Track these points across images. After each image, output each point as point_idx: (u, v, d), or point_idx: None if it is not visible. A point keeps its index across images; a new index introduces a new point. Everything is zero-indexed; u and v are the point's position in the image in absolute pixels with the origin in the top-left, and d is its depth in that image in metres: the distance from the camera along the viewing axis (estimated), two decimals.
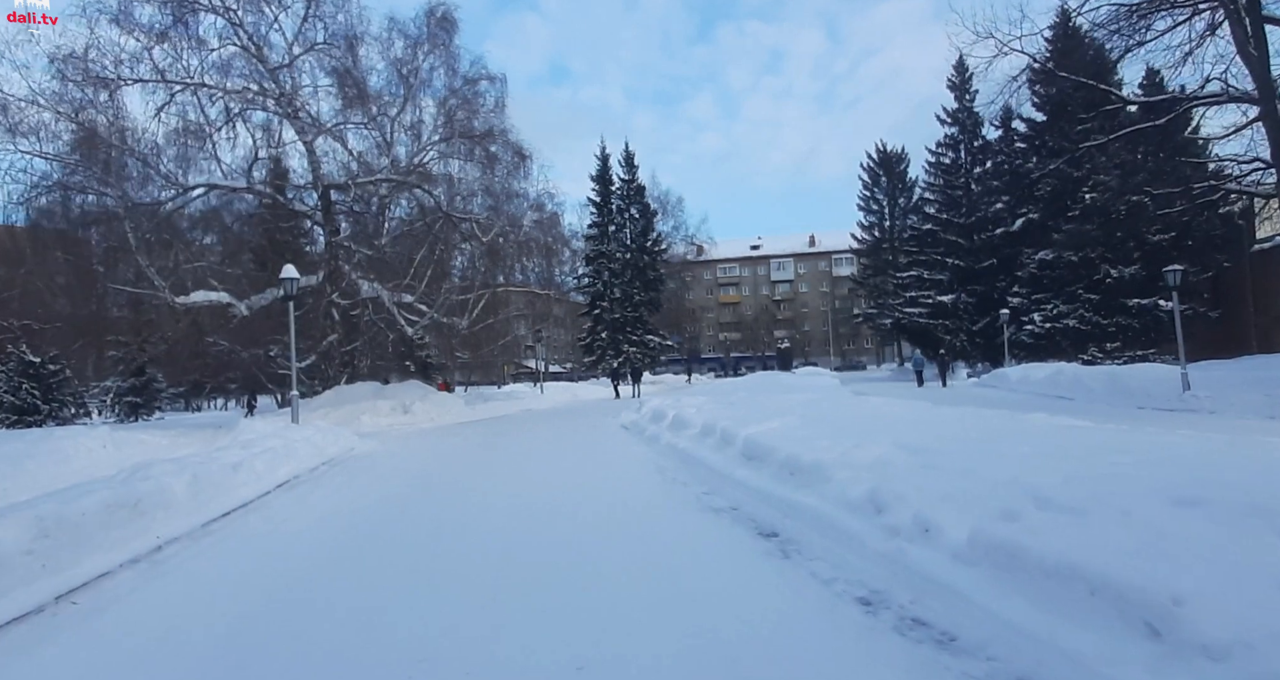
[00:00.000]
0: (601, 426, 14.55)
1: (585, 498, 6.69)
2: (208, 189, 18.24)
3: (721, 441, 8.61)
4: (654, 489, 7.10)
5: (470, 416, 19.74)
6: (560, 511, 6.06)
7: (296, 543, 5.33)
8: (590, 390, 34.07)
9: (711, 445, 8.84)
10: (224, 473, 6.91)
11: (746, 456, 7.47)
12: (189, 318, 19.09)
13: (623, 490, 7.03)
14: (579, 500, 6.54)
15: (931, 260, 34.44)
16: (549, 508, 6.22)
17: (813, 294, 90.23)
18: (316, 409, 17.58)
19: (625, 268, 42.78)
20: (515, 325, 31.19)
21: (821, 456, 6.01)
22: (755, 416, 9.60)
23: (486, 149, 21.43)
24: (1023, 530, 3.43)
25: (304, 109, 17.64)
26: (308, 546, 5.18)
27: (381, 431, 15.72)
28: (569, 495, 6.83)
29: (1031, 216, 30.69)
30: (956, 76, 34.82)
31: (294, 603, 3.87)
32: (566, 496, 6.76)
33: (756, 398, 13.15)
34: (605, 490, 7.07)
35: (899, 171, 45.82)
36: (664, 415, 12.06)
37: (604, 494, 6.88)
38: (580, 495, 6.82)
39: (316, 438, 10.64)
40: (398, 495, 7.28)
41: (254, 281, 20.00)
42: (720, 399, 13.92)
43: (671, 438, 10.28)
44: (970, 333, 32.34)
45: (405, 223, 22.38)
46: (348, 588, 4.11)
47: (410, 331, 19.42)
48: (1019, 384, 21.73)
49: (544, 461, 9.40)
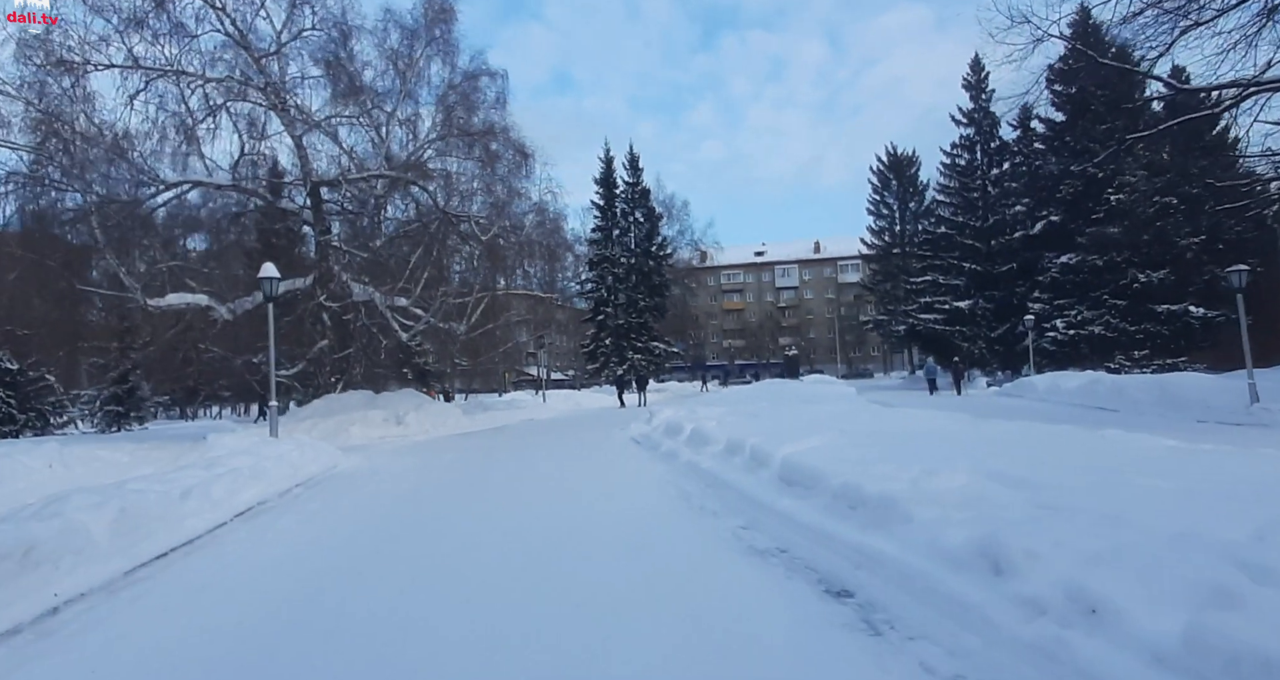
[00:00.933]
0: (610, 439, 13.41)
1: (597, 532, 5.56)
2: (190, 186, 17.23)
3: (753, 461, 7.48)
4: (680, 520, 5.98)
5: (468, 427, 18.60)
6: (566, 551, 4.93)
7: (236, 598, 4.20)
8: (594, 398, 32.95)
9: (740, 465, 7.70)
10: (165, 503, 5.79)
11: (786, 481, 6.33)
12: (179, 323, 18.05)
13: (642, 522, 5.91)
14: (589, 536, 5.41)
15: (947, 265, 33.34)
16: (553, 546, 5.09)
17: (818, 301, 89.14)
18: (304, 419, 16.48)
19: (630, 273, 41.74)
20: (516, 331, 30.14)
21: (888, 486, 4.88)
22: (787, 431, 8.47)
23: (486, 146, 20.41)
24: (1258, 623, 2.31)
25: (293, 101, 16.63)
26: (249, 604, 4.05)
27: (372, 444, 14.59)
28: (577, 528, 5.70)
29: (1053, 219, 29.61)
30: (972, 76, 33.85)
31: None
32: (574, 530, 5.63)
33: (780, 409, 12.02)
34: (621, 521, 5.94)
35: (910, 175, 44.82)
36: (680, 428, 10.93)
37: (619, 526, 5.76)
38: (591, 528, 5.69)
39: (293, 454, 9.52)
40: (373, 529, 6.14)
41: (242, 284, 18.96)
42: (740, 410, 12.79)
43: (692, 455, 9.14)
44: (989, 340, 31.17)
45: (401, 223, 21.34)
46: (292, 668, 2.99)
47: (405, 337, 18.33)
48: (1048, 393, 20.55)
49: (547, 482, 8.27)
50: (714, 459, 8.48)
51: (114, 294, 14.28)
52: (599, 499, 7.06)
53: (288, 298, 18.83)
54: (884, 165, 45.74)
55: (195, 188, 17.37)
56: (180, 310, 14.82)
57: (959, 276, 32.72)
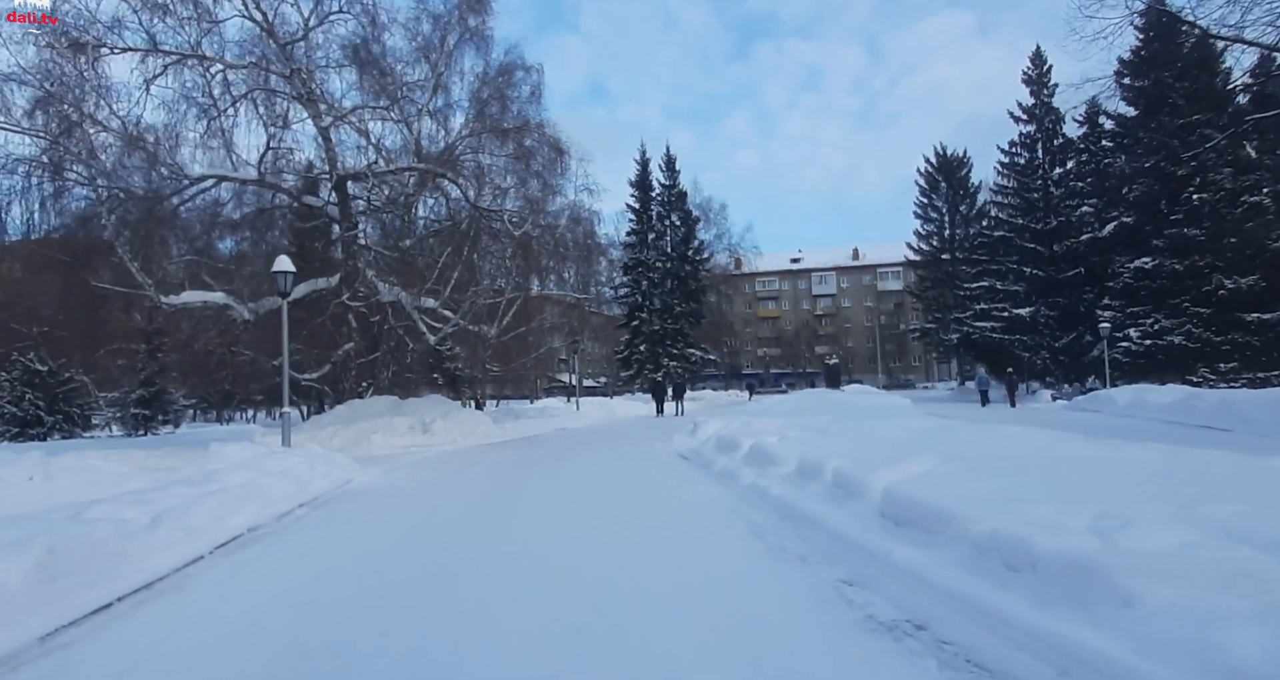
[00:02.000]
0: (652, 454, 12.12)
1: (657, 582, 4.27)
2: (215, 181, 16.55)
3: (838, 490, 6.12)
4: (759, 568, 4.67)
5: (498, 437, 17.50)
6: (621, 610, 3.65)
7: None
8: (628, 406, 31.70)
9: (821, 494, 6.34)
10: (123, 535, 4.68)
11: (894, 521, 4.96)
12: (197, 323, 17.39)
13: (712, 568, 4.61)
14: (649, 589, 4.12)
15: (1004, 269, 31.34)
16: (604, 604, 3.82)
17: (856, 309, 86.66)
18: (324, 426, 15.57)
19: (665, 277, 40.51)
20: (549, 336, 29.11)
21: (1070, 543, 3.48)
22: (871, 452, 7.08)
23: (520, 142, 19.43)
24: None
25: (319, 90, 15.84)
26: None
27: (394, 455, 13.54)
28: (632, 576, 4.42)
29: (1124, 220, 27.47)
30: (1033, 69, 31.90)
31: None
32: (629, 579, 4.35)
33: (846, 423, 10.59)
34: (685, 566, 4.65)
35: (960, 177, 42.76)
36: (735, 444, 9.59)
37: (684, 572, 4.47)
38: (649, 576, 4.40)
39: (301, 468, 8.45)
40: (377, 570, 4.94)
41: (268, 284, 18.26)
42: (799, 423, 11.38)
43: (754, 477, 7.79)
44: (1052, 350, 29.06)
45: (432, 222, 20.46)
46: None
47: (433, 340, 17.35)
48: (1132, 409, 18.62)
49: (588, 510, 7.01)
50: (784, 484, 7.12)
51: (128, 292, 13.52)
52: (653, 533, 5.78)
53: (313, 298, 18.07)
54: (933, 167, 43.74)
55: (220, 183, 16.70)
56: (197, 309, 14.03)
57: (1018, 282, 30.67)
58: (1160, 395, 18.27)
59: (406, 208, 19.81)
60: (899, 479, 5.52)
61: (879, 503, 5.31)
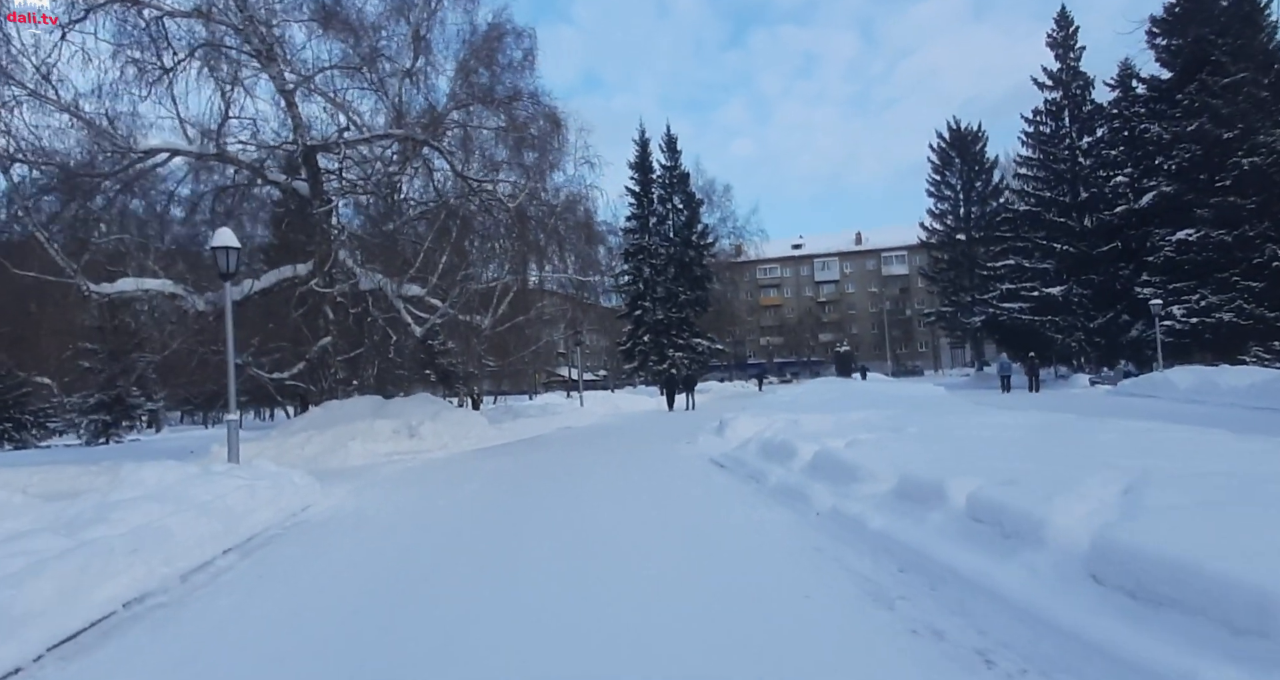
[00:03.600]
0: (679, 459, 10.21)
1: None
2: (169, 156, 14.51)
3: (984, 525, 4.20)
4: (904, 664, 2.79)
5: (495, 439, 15.58)
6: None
7: None
8: (634, 401, 29.73)
9: (956, 531, 4.40)
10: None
11: (1133, 593, 3.06)
12: (184, 320, 15.41)
13: (820, 665, 2.72)
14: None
15: (1031, 246, 29.40)
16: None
17: (860, 295, 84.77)
18: (296, 432, 13.63)
19: (669, 263, 38.51)
20: (548, 329, 27.14)
21: None
22: (1008, 466, 5.17)
23: (512, 113, 17.40)
24: None
25: (281, 49, 13.79)
26: None
27: (374, 465, 11.61)
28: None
29: (1164, 190, 25.53)
30: (1058, 32, 29.83)
31: None
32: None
33: (923, 422, 8.66)
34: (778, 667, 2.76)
35: (975, 152, 40.72)
36: (789, 449, 7.67)
37: None
38: None
39: (239, 495, 6.52)
40: (314, 672, 3.03)
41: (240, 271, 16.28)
42: (859, 420, 9.47)
43: (834, 498, 5.86)
44: (1088, 331, 27.19)
45: (418, 204, 18.40)
46: None
47: (419, 331, 15.39)
48: (1199, 393, 16.77)
49: (615, 547, 5.10)
50: (884, 510, 5.19)
51: (62, 282, 11.50)
52: (719, 598, 3.86)
53: (283, 287, 16.12)
54: (945, 142, 41.67)
55: (173, 157, 14.67)
56: (135, 298, 12.04)
57: (1046, 259, 28.75)
58: (1234, 377, 16.41)
59: (390, 188, 17.78)
60: (1108, 519, 3.61)
61: (1085, 557, 3.40)
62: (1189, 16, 26.54)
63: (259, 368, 15.38)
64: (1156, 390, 18.84)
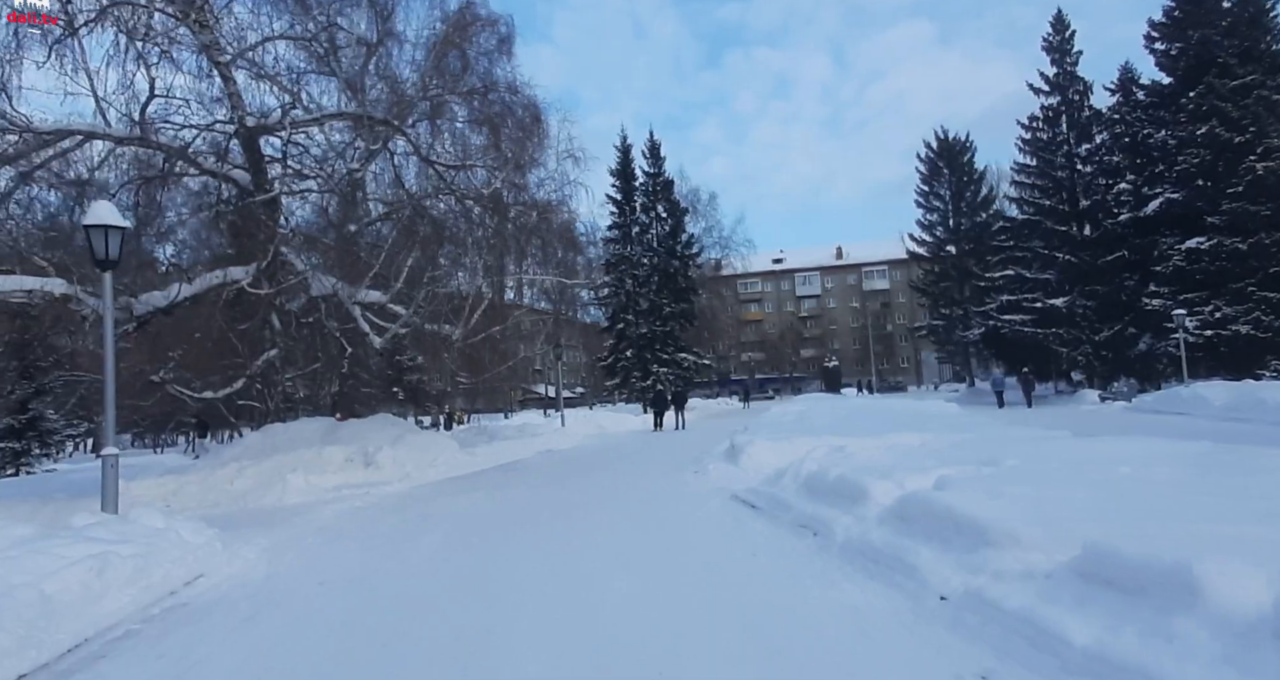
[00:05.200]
0: (689, 495, 8.29)
1: None
2: (82, 139, 12.36)
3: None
4: None
5: (467, 466, 13.50)
6: None
7: None
8: (617, 419, 27.64)
9: (1250, 660, 2.61)
10: None
11: None
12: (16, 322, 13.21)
13: None
14: None
15: (1032, 256, 28.23)
16: None
17: (842, 310, 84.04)
18: (225, 463, 11.44)
19: (652, 274, 36.73)
20: (526, 344, 25.12)
21: None
22: (1178, 513, 3.40)
23: (487, 102, 15.55)
24: None
25: (213, 14, 11.82)
26: None
27: (315, 505, 9.49)
28: None
29: (1171, 196, 24.50)
30: (1054, 36, 28.96)
31: None
32: None
33: (1006, 447, 6.88)
34: None
35: (964, 162, 39.87)
36: (855, 489, 5.78)
37: None
38: None
39: (80, 573, 4.44)
40: None
41: (159, 274, 14.12)
42: (906, 443, 7.68)
43: (954, 569, 3.98)
44: (1094, 344, 25.94)
45: (386, 203, 16.37)
46: None
47: (379, 342, 13.29)
48: (1238, 411, 15.33)
49: (634, 659, 3.18)
50: (1071, 604, 3.33)
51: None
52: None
53: (227, 293, 13.99)
54: (933, 152, 40.78)
55: (86, 141, 12.53)
56: (20, 301, 9.84)
57: (1047, 269, 27.56)
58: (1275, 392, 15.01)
59: (352, 185, 15.76)
60: None
61: None
62: (1190, 20, 25.81)
63: (184, 385, 13.15)
64: (1186, 407, 17.43)
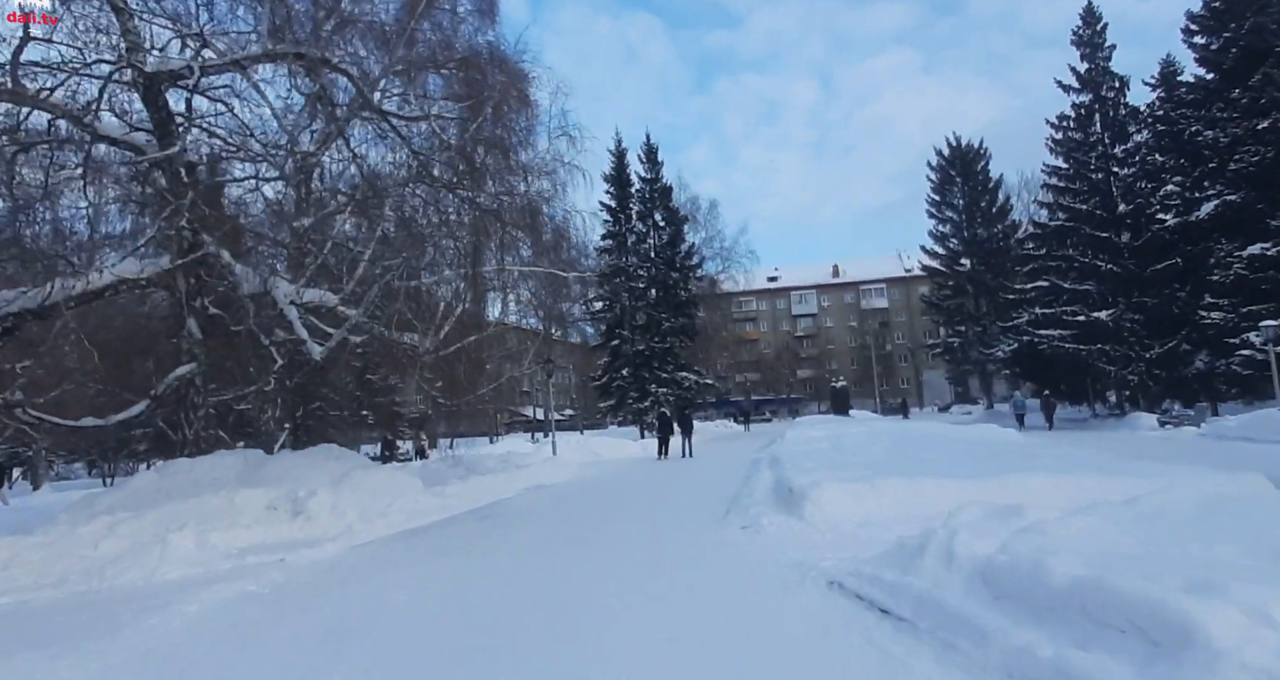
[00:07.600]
0: (748, 572, 5.34)
1: None
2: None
3: None
4: None
5: (429, 513, 10.45)
6: None
7: None
8: (614, 445, 24.56)
9: None
10: None
11: None
12: None
13: None
14: None
15: (1067, 265, 25.83)
16: None
17: (839, 329, 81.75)
18: (96, 515, 8.38)
19: (650, 286, 34.04)
20: (514, 363, 22.20)
21: None
22: None
23: (467, 74, 12.93)
24: None
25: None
26: None
27: (197, 583, 6.46)
28: None
29: (1228, 198, 22.24)
30: (1085, 29, 26.92)
31: None
32: None
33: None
34: None
35: (978, 170, 37.80)
36: (1158, 621, 2.95)
37: None
38: None
39: None
40: None
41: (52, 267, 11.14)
42: (1025, 487, 4.91)
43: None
44: (1146, 362, 23.41)
45: (344, 194, 13.55)
46: None
47: (318, 352, 10.34)
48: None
49: None
50: None
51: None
52: None
53: (135, 292, 11.08)
54: (945, 160, 38.71)
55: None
56: None
57: (1086, 279, 25.15)
58: None
59: (304, 170, 12.96)
60: None
61: None
62: (1234, 10, 23.82)
63: (58, 410, 10.13)
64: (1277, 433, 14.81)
